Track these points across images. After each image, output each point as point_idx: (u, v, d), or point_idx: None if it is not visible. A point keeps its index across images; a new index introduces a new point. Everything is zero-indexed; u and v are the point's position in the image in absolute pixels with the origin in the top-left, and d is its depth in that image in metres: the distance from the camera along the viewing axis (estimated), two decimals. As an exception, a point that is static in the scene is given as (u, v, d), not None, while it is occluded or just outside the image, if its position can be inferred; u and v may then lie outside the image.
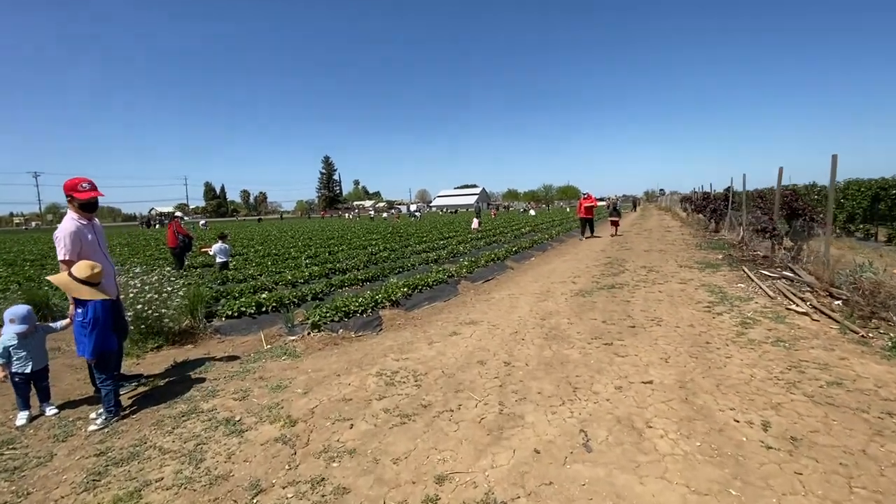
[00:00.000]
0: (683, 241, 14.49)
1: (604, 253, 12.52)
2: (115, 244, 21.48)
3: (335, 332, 5.42)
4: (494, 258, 10.90)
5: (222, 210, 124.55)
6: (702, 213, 19.87)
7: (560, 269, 10.11)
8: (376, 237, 19.21)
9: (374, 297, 6.53)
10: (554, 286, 7.99)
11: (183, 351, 5.10)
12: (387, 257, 11.91)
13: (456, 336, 5.20)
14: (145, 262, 12.59)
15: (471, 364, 4.28)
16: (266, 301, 6.58)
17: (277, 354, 4.78)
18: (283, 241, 19.05)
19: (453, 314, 6.36)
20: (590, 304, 6.55)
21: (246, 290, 7.93)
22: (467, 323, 5.74)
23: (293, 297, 7.08)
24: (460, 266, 9.50)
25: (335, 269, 10.09)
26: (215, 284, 9.02)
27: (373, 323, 5.87)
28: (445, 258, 11.82)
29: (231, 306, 6.16)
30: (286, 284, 8.68)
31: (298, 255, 13.20)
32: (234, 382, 4.04)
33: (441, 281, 8.20)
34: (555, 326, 5.45)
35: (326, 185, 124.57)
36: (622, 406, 3.30)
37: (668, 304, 6.34)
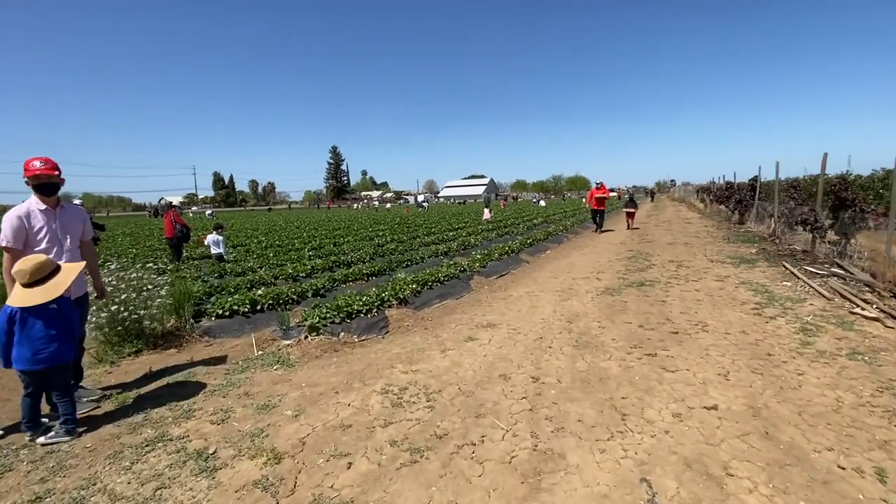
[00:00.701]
0: (708, 234, 13.68)
1: (624, 246, 11.77)
2: (119, 233, 21.11)
3: (335, 336, 4.80)
4: (508, 251, 10.22)
5: (231, 200, 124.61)
6: (723, 204, 18.96)
7: (580, 263, 9.40)
8: (383, 228, 18.58)
9: (380, 294, 5.90)
10: (576, 283, 7.30)
11: (164, 357, 4.51)
12: (394, 249, 11.28)
13: (472, 342, 4.56)
14: (144, 253, 12.11)
15: (492, 379, 3.64)
16: (262, 298, 5.98)
17: (269, 363, 4.17)
18: (288, 232, 18.50)
19: (468, 315, 5.71)
20: (620, 304, 5.87)
21: (243, 284, 7.35)
22: (484, 326, 5.09)
23: (292, 293, 6.48)
24: (473, 260, 8.83)
25: (339, 262, 9.48)
26: (212, 277, 8.46)
27: (378, 325, 5.25)
28: (456, 251, 11.16)
29: (222, 304, 5.57)
30: (287, 279, 8.08)
31: (302, 247, 12.61)
32: (214, 399, 3.43)
33: (453, 276, 7.54)
34: (584, 331, 4.79)
35: (334, 176, 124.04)
36: (687, 442, 2.64)
37: (710, 304, 5.64)
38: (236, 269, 8.90)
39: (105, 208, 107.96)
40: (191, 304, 5.35)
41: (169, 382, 3.79)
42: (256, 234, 18.24)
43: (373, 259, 10.33)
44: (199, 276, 8.35)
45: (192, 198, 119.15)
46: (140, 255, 11.71)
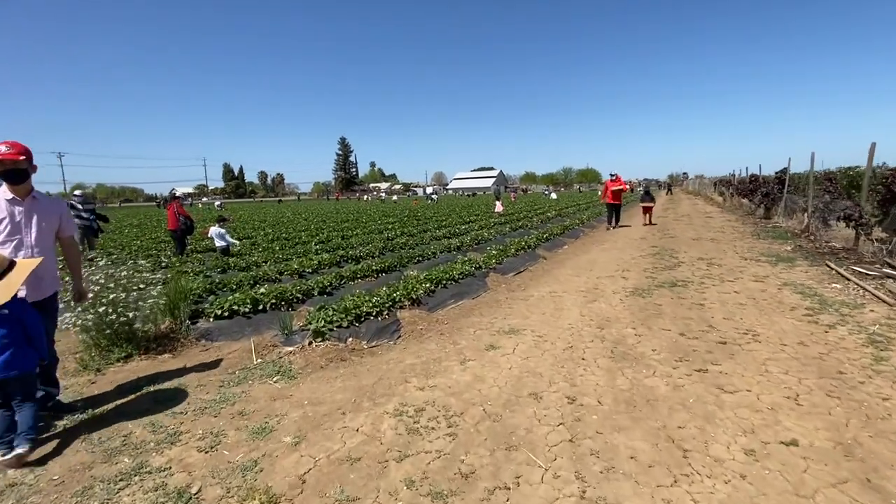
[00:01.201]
0: (733, 229, 13.02)
1: (646, 242, 11.18)
2: (126, 224, 20.93)
3: (343, 342, 4.36)
4: (525, 247, 9.70)
5: (240, 191, 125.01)
6: (747, 198, 18.20)
7: (601, 260, 8.86)
8: (392, 221, 18.13)
9: (391, 294, 5.44)
10: (601, 282, 6.78)
11: (155, 363, 4.11)
12: (404, 244, 10.83)
13: (494, 351, 4.09)
14: (147, 245, 11.80)
15: (521, 398, 3.17)
16: (264, 297, 5.56)
17: (268, 373, 3.74)
18: (295, 224, 18.14)
19: (486, 317, 5.23)
20: (653, 307, 5.35)
21: (245, 280, 6.94)
22: (506, 332, 4.62)
23: (297, 291, 6.05)
24: (488, 256, 8.34)
25: (348, 257, 9.04)
26: (215, 272, 8.08)
27: (389, 328, 4.80)
28: (469, 245, 10.66)
29: (221, 304, 5.16)
30: (292, 274, 7.66)
31: (309, 240, 12.21)
32: (204, 419, 3.01)
33: (468, 274, 7.06)
34: (619, 339, 4.29)
35: (343, 167, 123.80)
36: (772, 491, 2.15)
37: (755, 309, 5.10)
38: (240, 264, 8.51)
39: (118, 199, 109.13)
40: (187, 303, 4.94)
41: (156, 397, 3.37)
42: (264, 225, 17.91)
43: (382, 254, 9.88)
44: (202, 270, 7.97)
45: (203, 189, 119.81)
46: (143, 248, 11.40)
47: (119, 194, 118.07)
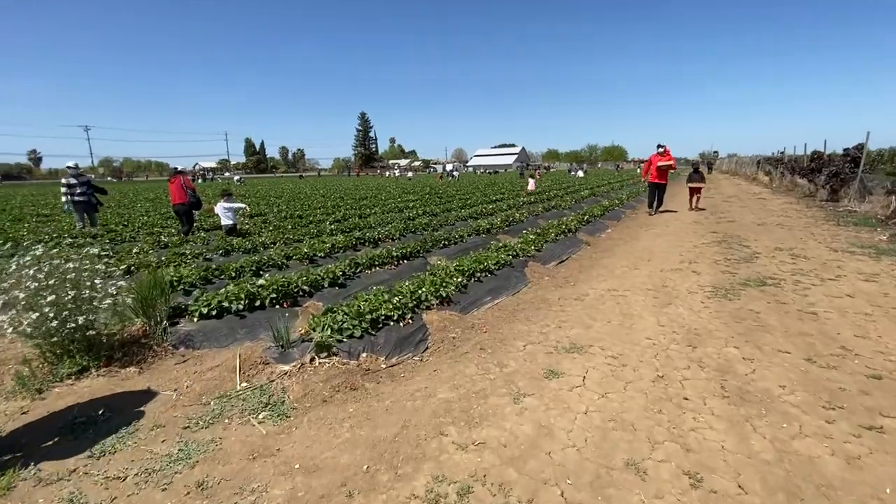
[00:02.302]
0: (798, 213, 11.48)
1: (701, 226, 9.82)
2: (141, 199, 20.41)
3: (354, 358, 3.35)
4: (565, 230, 8.50)
5: (262, 166, 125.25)
6: (806, 178, 16.38)
7: (658, 248, 7.61)
8: (414, 199, 17.02)
9: (416, 291, 4.40)
10: (669, 278, 5.60)
11: (114, 381, 3.19)
12: (427, 225, 9.74)
13: (557, 379, 3.02)
14: (153, 221, 11.03)
15: (614, 470, 2.11)
16: (263, 291, 4.59)
17: (253, 406, 2.76)
18: (312, 201, 17.21)
19: (536, 325, 4.15)
20: (750, 315, 4.18)
21: (247, 266, 6.01)
22: (567, 349, 3.53)
23: (304, 282, 5.07)
24: (525, 241, 7.20)
25: (364, 240, 8.03)
26: (217, 255, 7.20)
27: (414, 338, 3.77)
28: (500, 227, 9.52)
29: (208, 300, 4.21)
30: (302, 259, 6.71)
31: (324, 219, 11.25)
32: (147, 492, 2.05)
33: (504, 263, 5.96)
34: (725, 366, 3.17)
35: (363, 143, 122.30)
36: None
37: (890, 322, 3.88)
38: (245, 245, 7.60)
39: (143, 173, 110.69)
40: (165, 299, 3.99)
41: (94, 444, 2.43)
42: (279, 202, 17.05)
43: (403, 236, 8.84)
44: (202, 252, 7.09)
45: (225, 163, 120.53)
46: (148, 225, 10.63)
47: (145, 168, 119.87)
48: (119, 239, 8.95)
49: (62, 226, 10.53)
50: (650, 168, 11.97)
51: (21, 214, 13.87)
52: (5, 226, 10.72)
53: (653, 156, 11.80)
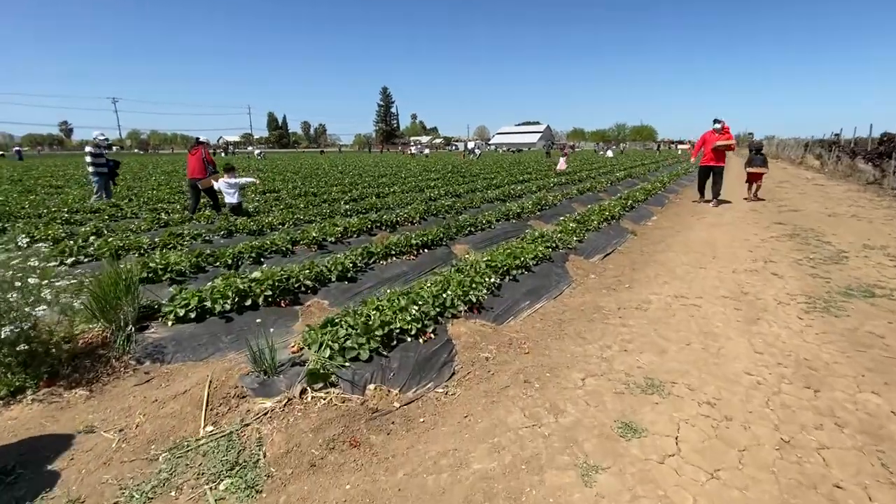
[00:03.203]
0: (868, 202, 10.11)
1: (761, 215, 8.64)
2: (158, 172, 20.00)
3: (359, 392, 2.53)
4: (609, 217, 7.48)
5: (284, 141, 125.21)
6: (871, 163, 14.71)
7: (719, 241, 6.54)
8: (435, 178, 16.06)
9: (440, 295, 3.54)
10: (744, 280, 4.60)
11: (51, 410, 2.46)
12: (450, 207, 8.82)
13: (638, 439, 2.15)
14: (162, 195, 10.42)
15: None
16: (256, 287, 3.82)
17: (214, 470, 1.98)
18: (329, 177, 16.43)
19: (592, 344, 3.26)
20: (874, 341, 3.20)
21: (247, 252, 5.26)
22: (642, 388, 2.63)
23: (307, 276, 4.29)
24: (564, 229, 6.24)
25: (381, 223, 7.20)
26: (218, 236, 6.49)
27: (437, 360, 2.93)
28: (531, 212, 8.54)
29: (187, 299, 3.45)
30: (310, 245, 5.93)
31: (340, 197, 10.45)
32: None
33: (543, 258, 5.05)
34: (874, 427, 2.24)
35: (384, 119, 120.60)
36: None
37: None
38: (249, 226, 6.86)
39: (169, 145, 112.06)
40: (132, 299, 3.23)
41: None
42: (296, 177, 16.32)
43: (424, 219, 7.98)
44: (201, 233, 6.38)
45: (248, 137, 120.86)
46: (154, 199, 10.02)
47: (171, 141, 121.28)
48: (119, 215, 8.35)
49: (66, 199, 10.03)
50: (702, 148, 10.16)
51: (33, 186, 13.52)
52: (11, 198, 10.28)
53: (706, 133, 10.03)
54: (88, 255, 5.22)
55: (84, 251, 5.20)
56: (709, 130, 10.06)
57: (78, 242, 5.34)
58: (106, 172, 9.42)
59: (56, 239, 5.96)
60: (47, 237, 5.97)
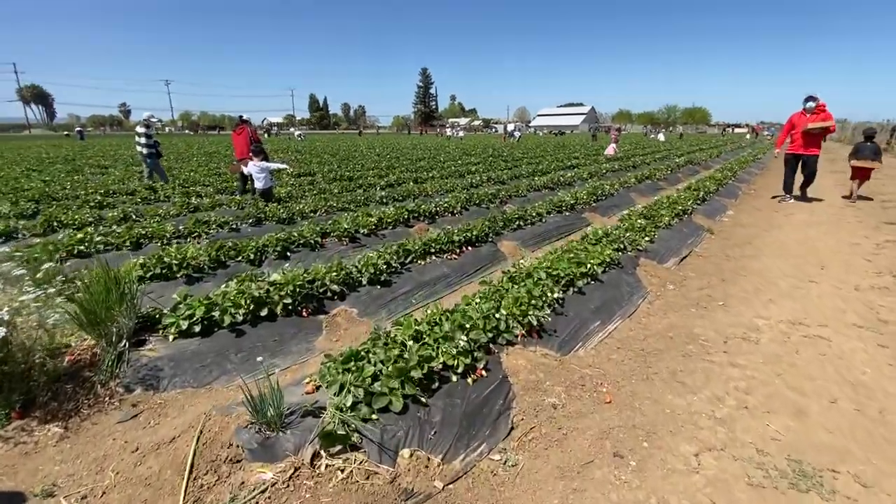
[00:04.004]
0: None
1: (864, 213, 7.32)
2: (201, 153, 20.17)
3: (388, 459, 1.88)
4: (681, 212, 6.47)
5: (325, 123, 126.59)
6: None
7: (822, 244, 5.45)
8: (476, 162, 15.20)
9: (491, 315, 2.82)
10: (875, 300, 3.62)
11: (12, 457, 1.98)
12: (494, 195, 8.02)
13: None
14: (198, 177, 10.19)
15: None
16: (274, 293, 3.25)
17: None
18: (366, 160, 15.91)
19: (696, 394, 2.46)
20: None
21: (271, 246, 4.74)
22: (790, 479, 1.84)
23: (333, 278, 3.69)
24: (630, 226, 5.35)
25: (418, 213, 6.53)
26: (246, 224, 6.04)
27: (490, 409, 2.25)
28: (585, 202, 7.62)
29: (192, 307, 2.91)
30: (340, 237, 5.36)
31: (376, 182, 9.86)
32: None
33: (611, 263, 4.22)
34: None
35: (423, 100, 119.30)
36: None
37: None
38: (279, 213, 6.37)
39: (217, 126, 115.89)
40: (129, 307, 2.72)
41: None
42: (333, 160, 15.89)
43: (465, 209, 7.25)
44: (230, 220, 5.94)
45: (291, 119, 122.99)
46: (188, 181, 9.78)
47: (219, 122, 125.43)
48: (153, 198, 8.12)
49: (107, 179, 9.99)
50: (791, 132, 8.34)
51: (82, 166, 13.77)
52: (57, 178, 10.36)
53: (795, 115, 8.27)
54: (109, 244, 4.86)
55: (104, 240, 4.83)
56: (797, 112, 8.45)
57: (98, 231, 4.98)
58: (156, 153, 9.41)
59: (82, 224, 5.69)
60: (74, 222, 5.71)
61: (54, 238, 4.68)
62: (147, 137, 9.09)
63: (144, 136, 9.06)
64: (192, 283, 4.02)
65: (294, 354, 3.01)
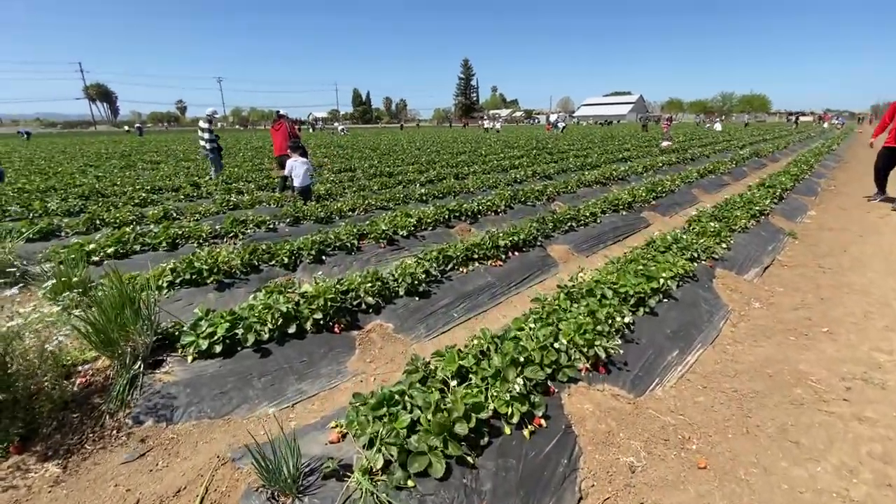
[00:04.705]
0: None
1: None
2: (248, 148, 20.61)
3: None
4: (758, 212, 5.70)
5: (367, 117, 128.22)
6: None
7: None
8: (519, 155, 14.56)
9: (549, 344, 2.37)
10: None
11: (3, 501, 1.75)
12: (540, 192, 7.46)
13: None
14: (241, 173, 10.24)
15: None
16: (304, 307, 2.95)
17: None
18: (406, 154, 15.64)
19: (821, 461, 1.91)
20: None
21: (306, 249, 4.48)
22: None
23: (368, 289, 3.35)
24: (703, 230, 4.70)
25: (459, 212, 6.11)
26: (284, 223, 5.85)
27: (552, 472, 1.81)
28: (644, 200, 6.92)
29: (214, 324, 2.64)
30: (378, 239, 5.04)
31: (415, 178, 9.51)
32: None
33: (686, 276, 3.64)
34: None
35: (464, 92, 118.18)
36: None
37: None
38: (317, 213, 6.14)
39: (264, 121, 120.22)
40: (144, 326, 2.47)
41: None
42: (373, 154, 15.73)
43: (510, 207, 6.76)
44: (267, 219, 5.77)
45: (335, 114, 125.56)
46: (232, 177, 9.81)
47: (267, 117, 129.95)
48: (196, 194, 8.16)
49: (156, 175, 10.22)
50: (889, 122, 7.17)
51: (135, 161, 14.31)
52: (109, 174, 10.74)
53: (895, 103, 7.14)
54: (145, 244, 4.77)
55: (141, 240, 4.75)
56: (896, 101, 7.28)
57: (135, 230, 4.90)
58: (218, 148, 9.58)
59: (123, 222, 5.69)
60: (115, 221, 5.71)
61: (92, 238, 4.63)
62: (209, 132, 9.26)
63: (207, 132, 9.22)
64: (222, 290, 3.80)
65: (323, 378, 2.69)
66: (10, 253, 4.06)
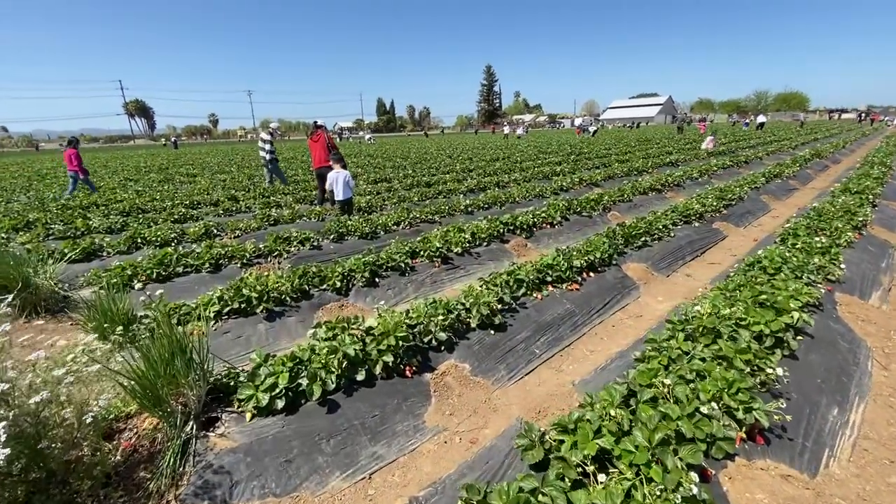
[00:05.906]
0: None
1: None
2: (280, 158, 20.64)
3: None
4: (860, 223, 5.00)
5: (391, 125, 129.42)
6: None
7: None
8: (557, 161, 13.97)
9: (700, 414, 1.87)
10: None
11: None
12: (596, 201, 6.89)
13: None
14: (274, 189, 10.07)
15: None
16: (372, 348, 2.54)
17: None
18: (437, 162, 15.27)
19: None
20: None
21: (357, 269, 4.09)
22: None
23: (439, 323, 2.90)
24: (809, 247, 4.08)
25: (513, 226, 5.63)
26: (328, 240, 5.50)
27: None
28: (713, 209, 6.28)
29: (274, 375, 2.25)
30: (432, 258, 4.62)
31: (455, 188, 9.09)
32: None
33: (814, 306, 3.06)
34: None
35: (486, 98, 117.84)
36: None
37: None
38: (362, 229, 5.77)
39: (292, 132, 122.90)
40: (197, 378, 2.10)
41: None
42: (405, 163, 15.43)
43: (566, 219, 6.24)
44: (310, 236, 5.43)
45: (360, 123, 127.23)
46: (268, 191, 9.62)
47: (295, 128, 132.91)
48: (235, 209, 7.96)
49: (193, 189, 10.14)
50: None
51: (173, 175, 14.43)
52: (148, 188, 10.76)
53: None
54: (188, 265, 4.49)
55: (182, 261, 4.47)
56: None
57: (177, 251, 4.63)
58: (276, 159, 9.76)
59: (164, 241, 5.46)
60: (156, 239, 5.49)
61: (134, 260, 4.37)
62: (270, 144, 9.43)
63: (269, 143, 9.40)
64: (272, 320, 3.45)
65: (400, 437, 2.26)
66: (51, 278, 3.82)
